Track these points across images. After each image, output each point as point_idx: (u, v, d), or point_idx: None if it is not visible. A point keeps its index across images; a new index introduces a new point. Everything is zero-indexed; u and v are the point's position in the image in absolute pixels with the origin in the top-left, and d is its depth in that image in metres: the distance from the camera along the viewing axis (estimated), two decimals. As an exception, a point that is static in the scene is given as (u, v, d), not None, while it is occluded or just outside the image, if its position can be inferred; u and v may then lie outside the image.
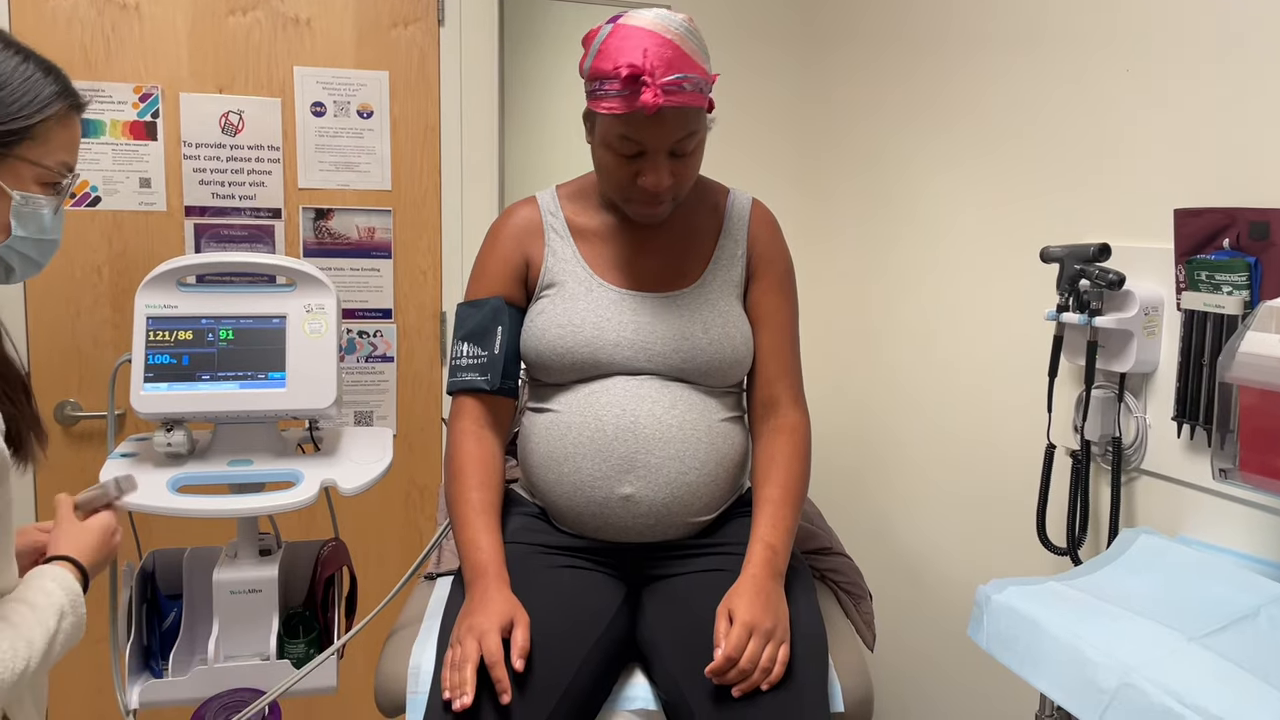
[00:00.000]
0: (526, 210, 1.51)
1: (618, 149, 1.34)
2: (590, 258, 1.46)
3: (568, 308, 1.42)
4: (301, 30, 2.28)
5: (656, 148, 1.33)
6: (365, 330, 2.39)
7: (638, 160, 1.34)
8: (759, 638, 1.21)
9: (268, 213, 2.30)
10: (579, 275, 1.44)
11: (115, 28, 2.18)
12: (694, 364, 1.41)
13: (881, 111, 2.30)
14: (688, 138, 1.34)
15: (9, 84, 1.03)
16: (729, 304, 1.46)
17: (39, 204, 1.07)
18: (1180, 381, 1.50)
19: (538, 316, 1.44)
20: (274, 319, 1.56)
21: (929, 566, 2.18)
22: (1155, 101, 1.56)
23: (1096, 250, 1.58)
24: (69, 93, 1.09)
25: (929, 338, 2.16)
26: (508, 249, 1.48)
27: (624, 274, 1.45)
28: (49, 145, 1.07)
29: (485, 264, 1.49)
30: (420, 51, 2.36)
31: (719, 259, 1.48)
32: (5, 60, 1.04)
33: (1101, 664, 1.19)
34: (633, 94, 1.27)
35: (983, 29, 1.94)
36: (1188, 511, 1.52)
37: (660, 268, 1.46)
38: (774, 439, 1.46)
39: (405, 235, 2.39)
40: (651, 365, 1.40)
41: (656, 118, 1.30)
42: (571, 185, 1.54)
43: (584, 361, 1.39)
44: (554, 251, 1.47)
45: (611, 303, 1.42)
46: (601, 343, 1.39)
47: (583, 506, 1.38)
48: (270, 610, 1.53)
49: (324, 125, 2.32)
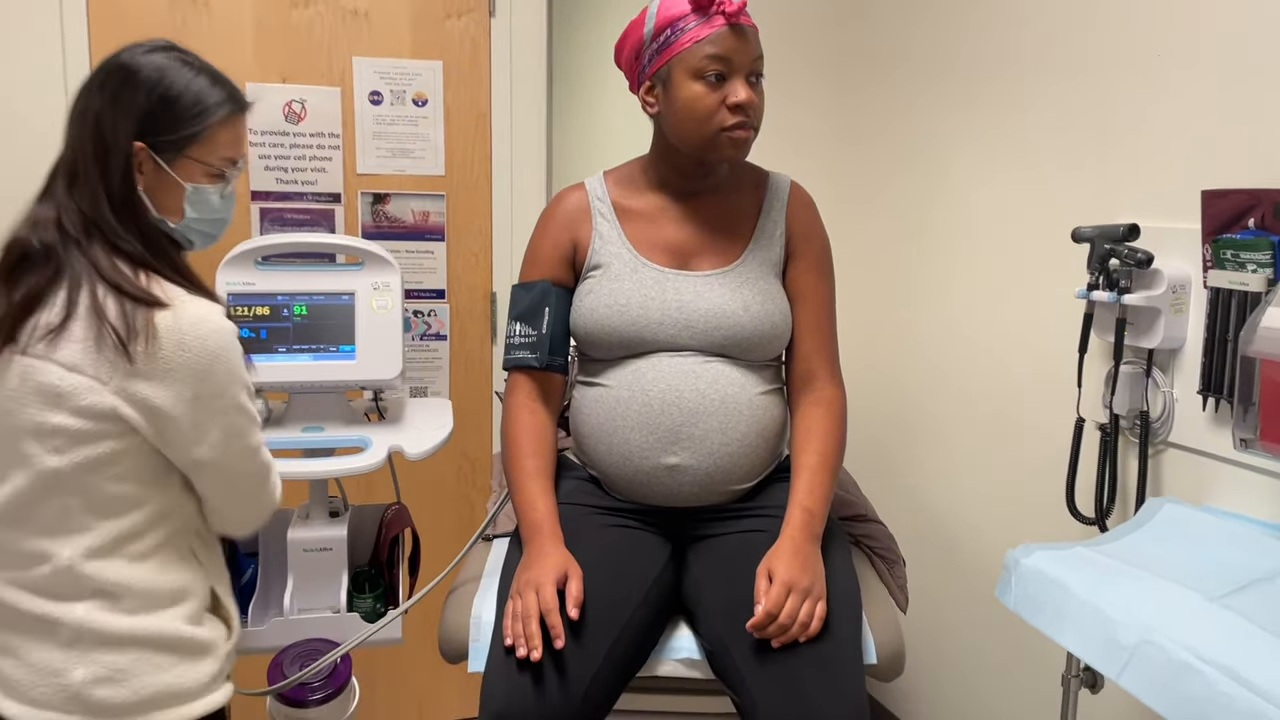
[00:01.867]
0: (575, 196, 1.59)
1: (706, 74, 1.42)
2: (635, 239, 1.54)
3: (614, 288, 1.50)
4: (360, 22, 2.39)
5: (741, 63, 1.43)
6: (420, 310, 2.49)
7: (723, 86, 1.43)
8: (797, 595, 1.29)
9: (328, 197, 2.41)
10: (624, 256, 1.52)
11: (185, 22, 2.29)
12: (734, 340, 1.48)
13: (915, 95, 2.35)
14: (761, 59, 1.46)
15: (182, 97, 1.21)
16: (768, 282, 1.53)
17: (207, 192, 1.26)
18: (1206, 357, 1.55)
19: (586, 296, 1.52)
20: (344, 295, 1.67)
21: (960, 535, 2.25)
22: (1183, 85, 1.60)
23: (1126, 230, 1.63)
24: (233, 99, 1.27)
25: (961, 314, 2.21)
26: (556, 233, 1.57)
27: (667, 254, 1.53)
28: (215, 144, 1.25)
29: (536, 248, 1.59)
30: (473, 41, 2.45)
31: (759, 238, 1.55)
32: (179, 75, 1.22)
33: (1123, 622, 1.25)
34: (713, 15, 1.42)
35: (1018, 13, 1.99)
36: (1212, 482, 1.58)
37: (702, 247, 1.53)
38: (811, 411, 1.53)
39: (458, 219, 2.50)
40: (694, 342, 1.48)
41: (739, 33, 1.43)
42: (619, 170, 1.62)
43: (630, 339, 1.48)
44: (600, 234, 1.55)
45: (655, 282, 1.50)
46: (646, 321, 1.48)
47: (631, 475, 1.47)
48: (340, 567, 1.64)
49: (381, 113, 2.42)
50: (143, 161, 1.20)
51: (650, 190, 1.57)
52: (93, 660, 1.14)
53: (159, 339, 1.12)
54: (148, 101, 1.19)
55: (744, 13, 1.43)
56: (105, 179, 1.18)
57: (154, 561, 1.20)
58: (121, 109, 1.19)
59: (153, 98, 1.20)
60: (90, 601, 1.16)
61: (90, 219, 1.17)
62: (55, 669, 1.14)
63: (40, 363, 1.12)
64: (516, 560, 1.43)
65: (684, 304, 1.48)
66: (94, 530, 1.16)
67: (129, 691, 1.15)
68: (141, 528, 1.19)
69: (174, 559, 1.23)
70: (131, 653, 1.16)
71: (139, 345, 1.11)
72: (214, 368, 1.15)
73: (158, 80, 1.20)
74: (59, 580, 1.15)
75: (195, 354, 1.14)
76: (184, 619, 1.21)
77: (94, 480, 1.15)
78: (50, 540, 1.15)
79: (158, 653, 1.18)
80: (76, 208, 1.18)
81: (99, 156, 1.19)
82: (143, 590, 1.18)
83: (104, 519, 1.16)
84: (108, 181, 1.18)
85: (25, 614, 1.15)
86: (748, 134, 1.46)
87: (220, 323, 1.18)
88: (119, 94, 1.19)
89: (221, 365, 1.16)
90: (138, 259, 1.17)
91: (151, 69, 1.21)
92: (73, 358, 1.12)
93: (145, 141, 1.20)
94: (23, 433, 1.14)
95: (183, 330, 1.13)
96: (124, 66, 1.21)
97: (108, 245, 1.17)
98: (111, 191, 1.18)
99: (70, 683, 1.14)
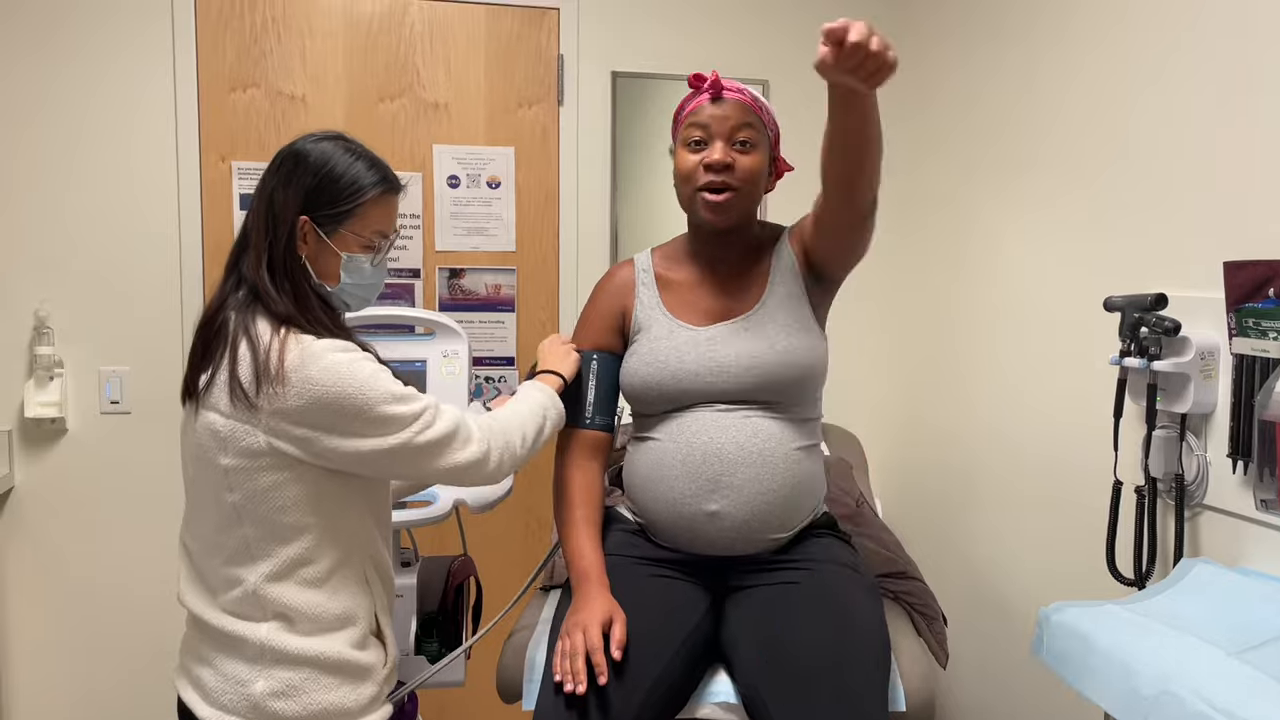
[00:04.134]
0: (624, 271, 1.75)
1: (690, 141, 1.58)
2: (671, 304, 1.67)
3: (653, 348, 1.63)
4: (440, 113, 2.61)
5: (719, 129, 1.56)
6: (491, 376, 2.66)
7: (702, 149, 1.57)
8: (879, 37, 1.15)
9: (409, 272, 2.61)
10: (662, 321, 1.66)
11: (284, 115, 2.54)
12: (766, 381, 1.57)
13: (963, 178, 2.45)
14: (745, 128, 1.56)
15: (342, 178, 1.39)
16: (789, 317, 1.62)
17: (360, 261, 1.43)
18: (1234, 421, 1.60)
19: (631, 358, 1.66)
20: (417, 362, 1.83)
21: (1000, 595, 2.27)
22: (1206, 166, 1.68)
23: (1154, 300, 1.69)
24: (386, 180, 1.45)
25: (1004, 380, 2.28)
26: (604, 303, 1.72)
27: (698, 314, 1.65)
28: (368, 220, 1.42)
29: (586, 316, 1.74)
30: (542, 129, 2.65)
31: (774, 279, 1.65)
32: (340, 158, 1.40)
33: (1143, 674, 1.30)
34: (699, 91, 1.59)
35: (1056, 102, 2.09)
36: (1245, 543, 1.60)
37: (727, 301, 1.65)
38: None
39: (527, 291, 2.67)
40: (728, 384, 1.58)
41: (718, 103, 1.56)
42: (665, 246, 1.77)
43: (670, 390, 1.60)
44: (643, 302, 1.69)
45: (689, 339, 1.62)
46: (683, 374, 1.59)
47: (675, 520, 1.58)
48: (409, 613, 1.77)
49: (458, 195, 2.62)
50: (307, 233, 1.38)
51: (688, 261, 1.70)
52: (272, 675, 1.31)
53: (287, 379, 1.27)
54: (313, 180, 1.37)
55: (724, 87, 1.57)
56: (271, 247, 1.36)
57: (327, 587, 1.35)
58: (291, 187, 1.37)
59: (318, 177, 1.37)
60: (272, 622, 1.32)
61: (251, 283, 1.35)
62: (241, 679, 1.31)
63: (208, 413, 1.30)
64: (568, 607, 1.54)
65: (715, 353, 1.60)
66: (272, 557, 1.32)
67: (299, 706, 1.31)
68: (312, 553, 1.34)
69: (347, 584, 1.37)
70: (304, 671, 1.32)
71: (273, 388, 1.27)
72: (343, 392, 1.29)
73: (323, 163, 1.38)
74: (247, 603, 1.32)
75: (321, 385, 1.28)
76: (350, 643, 1.36)
77: (264, 510, 1.31)
78: (239, 568, 1.32)
79: (325, 673, 1.33)
80: (242, 275, 1.37)
81: (268, 228, 1.36)
82: (314, 615, 1.33)
83: (279, 545, 1.32)
84: (272, 249, 1.36)
85: (222, 632, 1.33)
86: (724, 197, 1.57)
87: (339, 355, 1.31)
88: (291, 175, 1.37)
89: (349, 387, 1.29)
90: (284, 317, 1.34)
91: (318, 153, 1.39)
92: (226, 406, 1.29)
93: (309, 215, 1.37)
94: (211, 474, 1.32)
95: (306, 367, 1.28)
96: (296, 152, 1.39)
97: (261, 305, 1.34)
98: (274, 257, 1.35)
99: (252, 693, 1.30)
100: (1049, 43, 2.11)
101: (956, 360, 2.51)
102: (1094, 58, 1.96)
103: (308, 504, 1.33)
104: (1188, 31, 1.72)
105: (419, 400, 1.37)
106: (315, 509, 1.34)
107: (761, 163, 1.59)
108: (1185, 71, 1.73)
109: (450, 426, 1.39)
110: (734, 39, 2.70)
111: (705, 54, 2.67)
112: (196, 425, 1.33)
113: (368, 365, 1.33)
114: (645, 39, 2.68)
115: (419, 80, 2.59)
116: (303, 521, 1.33)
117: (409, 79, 2.58)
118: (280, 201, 1.37)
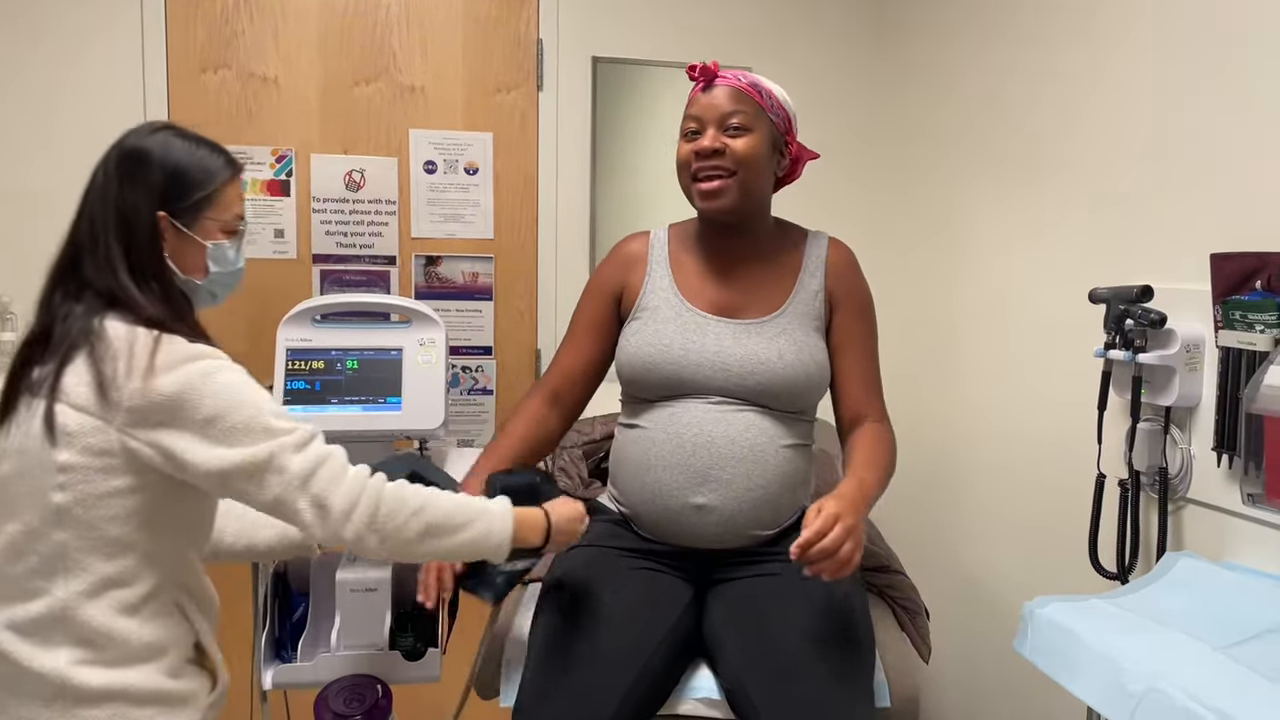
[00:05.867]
0: (638, 242, 1.72)
1: (686, 131, 1.59)
2: (683, 287, 1.64)
3: (659, 329, 1.60)
4: (417, 97, 2.56)
5: (709, 117, 1.56)
6: (469, 365, 2.62)
7: (696, 139, 1.57)
8: (843, 527, 1.29)
9: (384, 259, 2.56)
10: (671, 302, 1.62)
11: (256, 98, 2.48)
12: (767, 387, 1.55)
13: (954, 163, 2.43)
14: (736, 114, 1.55)
15: (192, 167, 1.34)
16: (806, 335, 1.60)
17: (225, 248, 1.38)
18: (1219, 414, 1.58)
19: (633, 336, 1.62)
20: (392, 351, 1.79)
21: (987, 588, 2.27)
22: (1193, 156, 1.67)
23: (1139, 292, 1.68)
24: (231, 162, 1.40)
25: (987, 372, 2.26)
26: (610, 272, 1.70)
27: (711, 302, 1.62)
28: (225, 203, 1.38)
29: (594, 281, 1.73)
30: (521, 114, 2.61)
31: (798, 293, 1.63)
32: (181, 147, 1.34)
33: (1131, 670, 1.28)
34: (696, 82, 1.60)
35: (1039, 92, 2.07)
36: (1230, 537, 1.60)
37: (744, 298, 1.62)
38: (864, 428, 1.60)
39: (505, 279, 2.63)
40: (729, 385, 1.55)
41: (709, 93, 1.57)
42: (682, 225, 1.73)
43: (669, 378, 1.57)
44: (653, 278, 1.66)
45: (698, 326, 1.59)
46: (686, 362, 1.56)
47: (661, 513, 1.55)
48: (384, 607, 1.72)
49: (435, 181, 2.57)
50: (165, 229, 1.31)
51: (701, 246, 1.68)
52: (73, 716, 1.19)
53: (157, 379, 1.19)
54: (161, 175, 1.31)
55: (717, 74, 1.58)
56: (130, 251, 1.28)
57: (139, 615, 1.24)
58: (138, 186, 1.30)
59: (166, 172, 1.31)
60: (73, 650, 1.20)
61: (107, 289, 1.26)
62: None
63: (58, 404, 1.21)
64: (547, 605, 1.51)
65: (723, 349, 1.57)
66: (87, 572, 1.21)
67: None
68: (130, 575, 1.24)
69: (158, 614, 1.27)
70: (109, 708, 1.20)
71: (141, 385, 1.19)
72: (216, 397, 1.21)
73: (166, 156, 1.31)
74: (45, 622, 1.21)
75: (193, 388, 1.20)
76: (162, 672, 1.26)
77: (92, 517, 1.21)
78: (45, 579, 1.21)
79: (135, 706, 1.22)
80: (87, 282, 1.27)
81: (121, 231, 1.29)
82: (122, 641, 1.22)
83: (98, 560, 1.21)
84: (131, 253, 1.28)
85: (12, 663, 1.20)
86: (716, 184, 1.56)
87: (210, 361, 1.24)
88: (134, 174, 1.30)
89: (224, 392, 1.22)
90: (153, 320, 1.26)
91: (159, 147, 1.32)
92: (86, 400, 1.20)
93: (166, 210, 1.31)
94: (35, 471, 1.21)
95: (177, 368, 1.21)
96: (132, 150, 1.32)
97: (125, 310, 1.26)
98: (136, 261, 1.28)
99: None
100: (1034, 36, 2.09)
101: (939, 352, 2.49)
102: (1080, 49, 1.95)
103: (139, 519, 1.24)
104: (1177, 21, 1.70)
105: (297, 421, 1.28)
106: (145, 525, 1.24)
107: (757, 145, 1.57)
108: (1173, 62, 1.71)
109: (326, 455, 1.27)
110: (717, 24, 2.66)
111: (687, 39, 2.63)
112: (21, 419, 1.24)
113: (242, 374, 1.27)
114: (626, 24, 2.63)
115: (395, 63, 2.54)
116: (130, 538, 1.23)
117: (385, 62, 2.53)
118: (130, 203, 1.29)
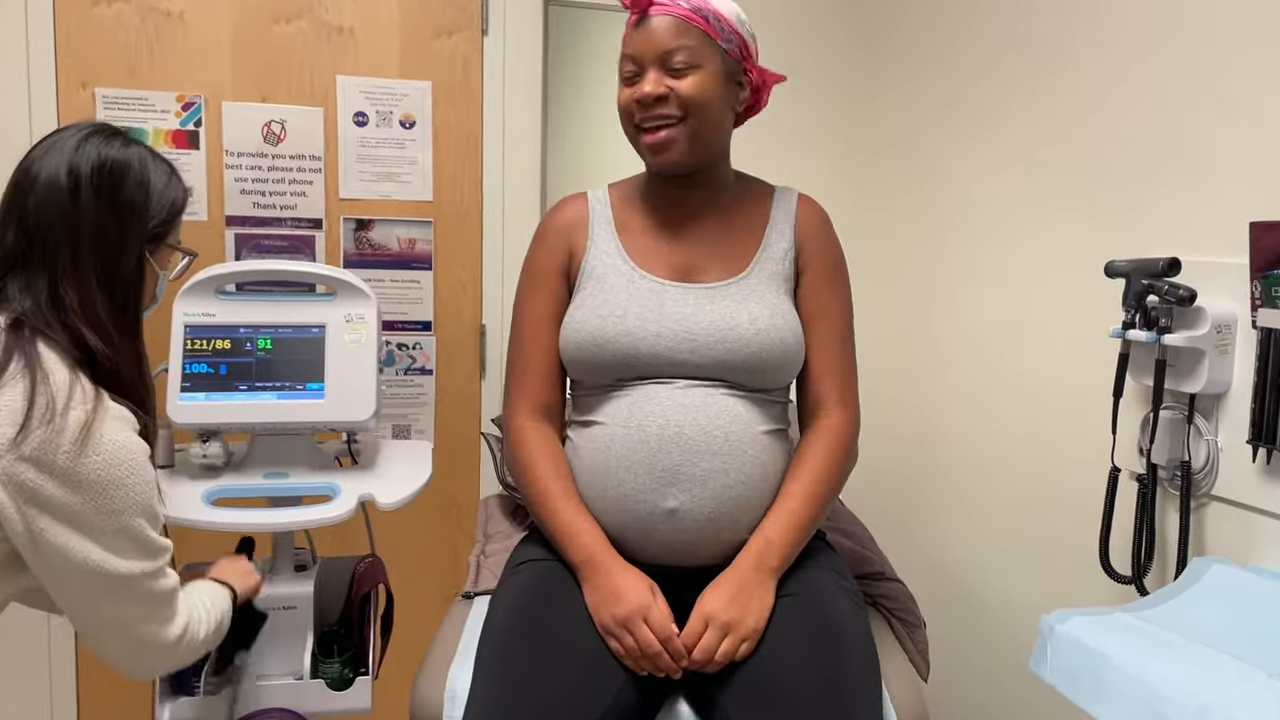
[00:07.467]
0: (575, 204, 1.51)
1: (624, 75, 1.40)
2: (633, 251, 1.45)
3: (608, 299, 1.39)
4: (345, 39, 2.28)
5: (647, 56, 1.37)
6: (405, 343, 2.37)
7: (636, 83, 1.39)
8: (715, 630, 1.22)
9: (308, 223, 2.29)
10: (620, 268, 1.43)
11: (159, 36, 2.19)
12: (739, 357, 1.36)
13: (937, 116, 2.26)
14: (678, 50, 1.36)
15: (165, 188, 1.24)
16: (777, 297, 1.42)
17: (167, 275, 1.31)
18: (1256, 403, 1.43)
19: (577, 310, 1.41)
20: (313, 328, 1.54)
21: (986, 595, 2.12)
22: (1229, 109, 1.50)
23: (1166, 265, 1.52)
24: (180, 178, 1.30)
25: (985, 355, 2.11)
26: (553, 242, 1.49)
27: (666, 265, 1.43)
28: (178, 226, 1.30)
29: (534, 259, 1.50)
30: (464, 61, 2.34)
31: (765, 250, 1.45)
32: (151, 165, 1.23)
33: (1175, 700, 1.13)
34: (631, 13, 1.39)
35: (1046, 31, 1.90)
36: (1262, 539, 1.45)
37: (705, 260, 1.44)
38: (809, 437, 1.44)
39: (446, 246, 2.37)
40: (695, 358, 1.36)
41: (644, 27, 1.37)
42: (623, 183, 1.54)
43: (625, 354, 1.36)
44: (596, 244, 1.46)
45: (654, 294, 1.40)
46: (643, 334, 1.36)
47: (627, 522, 1.34)
48: (305, 628, 1.51)
49: (366, 135, 2.31)
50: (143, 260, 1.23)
51: (650, 205, 1.49)
52: None
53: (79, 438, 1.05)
54: (143, 195, 1.21)
55: (652, 2, 1.37)
56: (113, 286, 1.17)
57: None
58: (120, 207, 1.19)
59: (147, 191, 1.21)
60: None
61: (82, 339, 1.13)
62: None
63: None
64: (496, 624, 1.30)
65: (685, 316, 1.38)
66: None
67: None
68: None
69: None
70: None
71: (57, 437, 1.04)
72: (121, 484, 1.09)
73: (144, 176, 1.21)
74: None
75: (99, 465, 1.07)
76: None
77: None
78: None
79: None
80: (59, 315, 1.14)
81: (100, 262, 1.16)
82: None
83: None
84: (115, 289, 1.17)
85: None
86: (664, 135, 1.38)
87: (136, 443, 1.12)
88: (116, 192, 1.19)
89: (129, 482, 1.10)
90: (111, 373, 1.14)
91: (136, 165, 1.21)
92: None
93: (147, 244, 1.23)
94: None
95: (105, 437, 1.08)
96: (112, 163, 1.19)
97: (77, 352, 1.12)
98: (118, 300, 1.18)
99: None
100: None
101: (927, 328, 2.33)
102: None
103: None
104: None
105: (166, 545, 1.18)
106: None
107: (708, 83, 1.37)
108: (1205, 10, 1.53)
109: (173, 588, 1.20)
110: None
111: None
112: None
113: (147, 471, 1.14)
114: (581, -37, 2.38)
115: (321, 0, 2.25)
116: None
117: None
118: (116, 240, 1.18)
